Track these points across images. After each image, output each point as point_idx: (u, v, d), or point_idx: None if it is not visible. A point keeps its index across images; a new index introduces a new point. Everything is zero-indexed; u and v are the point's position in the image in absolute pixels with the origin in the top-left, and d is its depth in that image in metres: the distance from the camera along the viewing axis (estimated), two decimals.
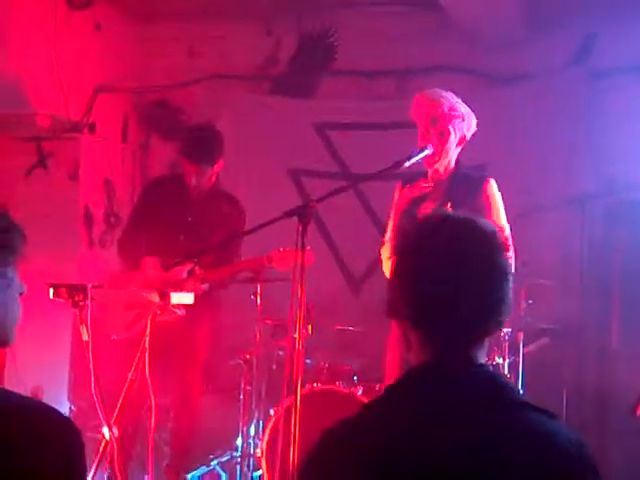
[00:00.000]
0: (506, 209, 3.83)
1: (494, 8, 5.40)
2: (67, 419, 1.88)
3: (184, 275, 4.45)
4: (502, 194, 3.82)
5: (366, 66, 6.28)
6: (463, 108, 3.73)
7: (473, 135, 3.88)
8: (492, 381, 1.69)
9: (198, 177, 4.62)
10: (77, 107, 6.24)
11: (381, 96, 6.17)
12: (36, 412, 1.83)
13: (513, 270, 1.77)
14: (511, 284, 1.73)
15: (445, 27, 5.81)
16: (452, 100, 3.71)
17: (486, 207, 3.70)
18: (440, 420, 1.62)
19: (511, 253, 1.79)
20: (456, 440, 1.59)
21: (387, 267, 3.45)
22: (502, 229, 1.78)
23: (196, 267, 4.47)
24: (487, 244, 1.72)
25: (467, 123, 3.73)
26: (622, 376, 4.84)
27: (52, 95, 5.93)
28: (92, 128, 6.34)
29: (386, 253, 3.76)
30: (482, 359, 1.73)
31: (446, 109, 3.67)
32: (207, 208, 4.70)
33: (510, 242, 3.54)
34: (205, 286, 4.51)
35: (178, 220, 4.66)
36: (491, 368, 1.75)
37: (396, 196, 3.90)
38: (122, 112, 6.72)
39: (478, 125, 3.61)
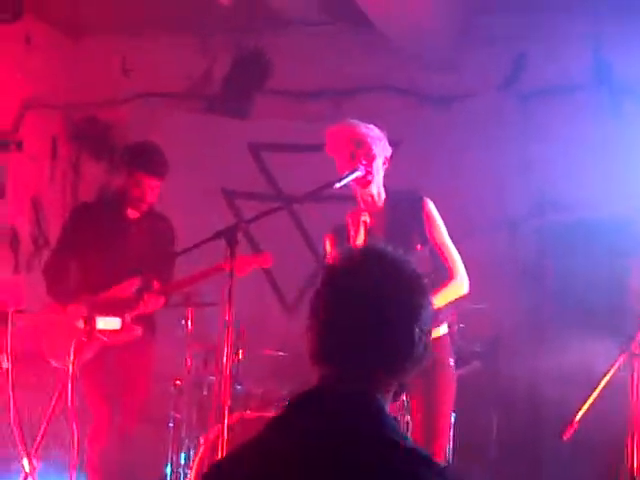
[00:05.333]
0: None
1: (425, 28, 5.42)
2: None
3: (134, 292, 4.37)
4: None
5: (301, 86, 6.26)
6: (377, 130, 3.70)
7: (404, 154, 3.85)
8: (372, 417, 1.66)
9: (151, 191, 4.54)
10: (4, 124, 6.08)
11: (316, 117, 6.13)
12: None
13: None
14: (420, 329, 1.72)
15: (379, 47, 5.82)
16: (364, 124, 3.69)
17: (428, 227, 3.68)
18: (310, 447, 1.61)
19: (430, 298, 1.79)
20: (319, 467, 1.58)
21: None
22: (420, 274, 1.80)
23: (154, 281, 4.40)
24: (398, 291, 1.73)
25: (384, 143, 3.71)
26: (553, 399, 4.87)
27: None
28: (20, 146, 6.18)
29: None
30: (379, 394, 1.71)
31: (365, 131, 3.64)
32: (145, 227, 4.63)
33: (462, 269, 3.57)
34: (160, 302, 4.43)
35: (117, 243, 4.55)
36: (382, 404, 1.71)
37: (327, 246, 3.83)
38: (51, 129, 6.56)
39: (410, 145, 3.56)
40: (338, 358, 1.71)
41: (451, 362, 3.69)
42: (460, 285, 3.68)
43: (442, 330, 3.69)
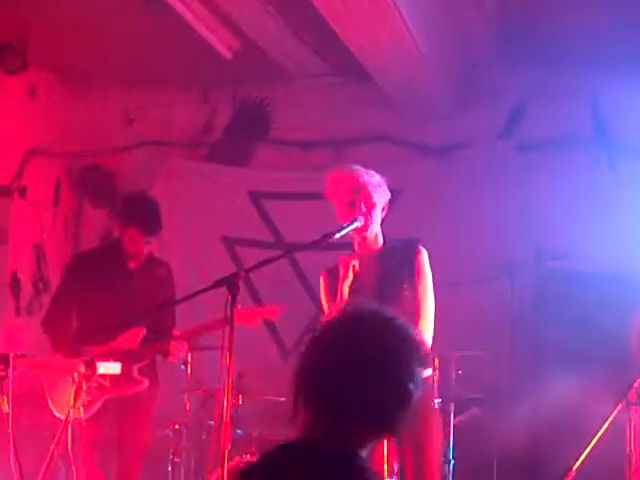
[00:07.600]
0: (438, 279, 3.83)
1: (421, 81, 5.53)
2: None
3: (139, 343, 4.38)
4: (434, 264, 3.83)
5: (301, 136, 6.36)
6: (377, 176, 3.76)
7: (405, 205, 3.89)
8: (349, 470, 1.71)
9: (145, 246, 4.54)
10: (8, 170, 6.16)
11: (316, 166, 6.21)
12: None
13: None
14: (415, 385, 1.79)
15: (377, 98, 5.93)
16: (365, 171, 3.75)
17: (416, 276, 3.71)
18: None
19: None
20: None
21: None
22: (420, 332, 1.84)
23: (175, 329, 4.46)
24: (400, 350, 1.80)
25: (384, 190, 3.77)
26: (552, 446, 4.86)
27: None
28: (23, 192, 6.25)
29: None
30: (361, 452, 1.76)
31: (366, 179, 3.70)
32: (146, 275, 4.61)
33: (429, 324, 3.58)
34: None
35: (118, 291, 4.52)
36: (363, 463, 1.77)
37: (322, 286, 3.86)
38: (55, 176, 6.65)
39: (410, 195, 3.59)
40: (332, 410, 1.77)
41: (436, 404, 3.69)
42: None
43: (425, 372, 3.68)
